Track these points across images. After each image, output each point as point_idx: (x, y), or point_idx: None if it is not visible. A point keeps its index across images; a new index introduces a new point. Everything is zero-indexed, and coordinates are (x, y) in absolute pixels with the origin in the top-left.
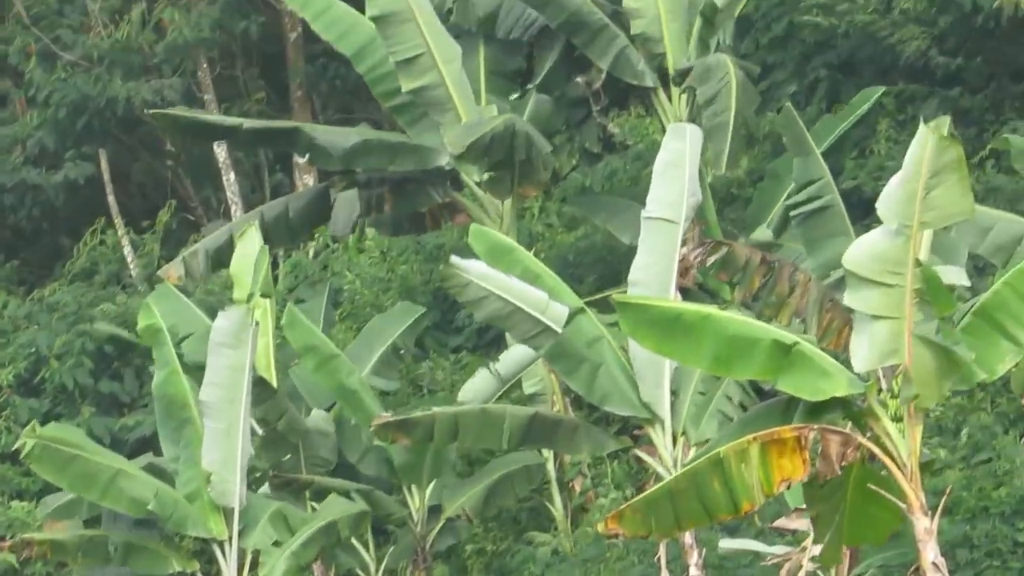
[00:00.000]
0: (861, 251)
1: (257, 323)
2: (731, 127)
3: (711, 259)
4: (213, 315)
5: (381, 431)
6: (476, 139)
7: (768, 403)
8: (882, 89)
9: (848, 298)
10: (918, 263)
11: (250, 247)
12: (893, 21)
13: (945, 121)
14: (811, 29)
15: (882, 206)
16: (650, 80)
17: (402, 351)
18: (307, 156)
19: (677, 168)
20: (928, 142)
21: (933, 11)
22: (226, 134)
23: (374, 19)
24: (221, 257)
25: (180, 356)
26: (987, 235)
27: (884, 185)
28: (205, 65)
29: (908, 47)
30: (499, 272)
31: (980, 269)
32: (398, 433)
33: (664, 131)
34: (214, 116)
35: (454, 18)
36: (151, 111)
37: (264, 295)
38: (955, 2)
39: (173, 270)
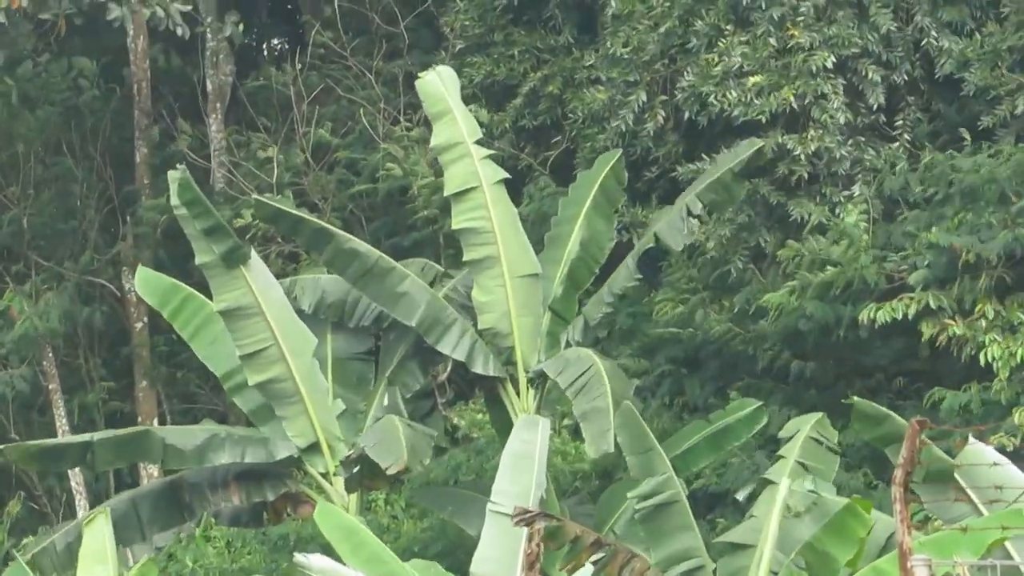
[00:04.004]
0: None
1: None
2: (610, 408)
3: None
4: None
5: None
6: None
7: None
8: (758, 403)
9: None
10: None
11: (97, 542)
12: (749, 333)
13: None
14: (655, 324)
15: None
16: (498, 373)
17: None
18: (161, 462)
19: (526, 460)
20: None
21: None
22: (78, 454)
23: (221, 313)
24: (72, 555)
25: None
26: None
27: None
28: (50, 354)
29: (762, 353)
30: (341, 566)
31: None
32: None
33: (511, 424)
34: (64, 439)
35: (301, 305)
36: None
37: None
38: (815, 318)
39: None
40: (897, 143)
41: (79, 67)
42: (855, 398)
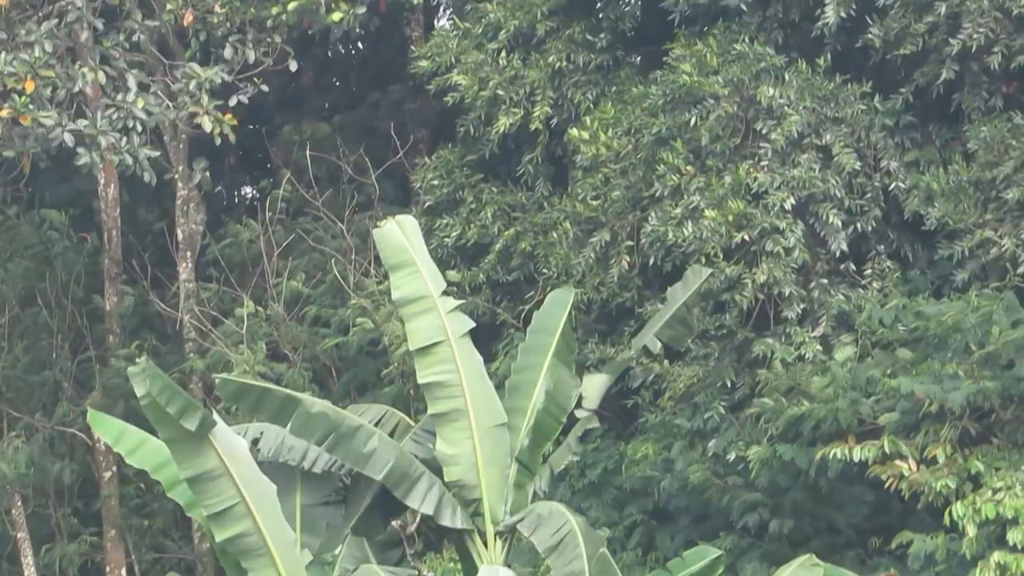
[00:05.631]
0: None
1: None
2: (586, 571)
3: None
4: None
5: None
6: None
7: None
8: (717, 553)
9: None
10: None
11: None
12: (725, 483)
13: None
14: (628, 477)
15: None
16: (465, 525)
17: None
18: None
19: None
20: None
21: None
22: None
23: (188, 480)
24: None
25: None
26: None
27: None
28: (19, 502)
29: (738, 509)
30: None
31: None
32: None
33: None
34: None
35: (261, 449)
36: None
37: None
38: (792, 467)
39: None
40: (868, 291)
41: (50, 219)
42: (823, 565)
